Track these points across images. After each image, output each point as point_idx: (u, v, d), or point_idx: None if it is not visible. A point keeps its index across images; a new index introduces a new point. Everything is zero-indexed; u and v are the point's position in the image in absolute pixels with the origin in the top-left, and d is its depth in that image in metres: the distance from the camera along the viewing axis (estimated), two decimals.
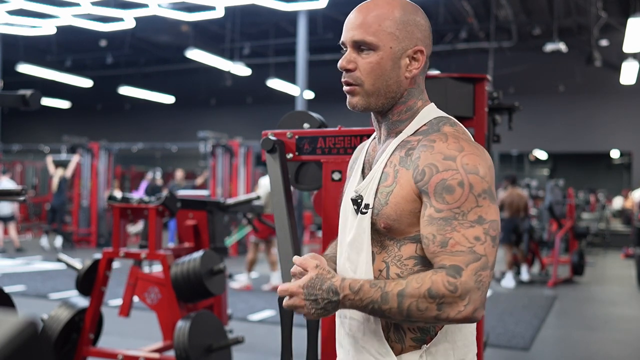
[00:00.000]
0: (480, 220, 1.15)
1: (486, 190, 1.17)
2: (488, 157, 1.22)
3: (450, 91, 2.68)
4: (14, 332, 0.53)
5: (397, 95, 1.29)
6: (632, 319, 6.66)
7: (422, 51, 1.28)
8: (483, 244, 1.14)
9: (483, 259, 1.13)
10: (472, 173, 1.17)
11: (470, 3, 12.35)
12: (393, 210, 1.22)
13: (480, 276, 1.12)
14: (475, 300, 1.12)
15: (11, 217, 11.61)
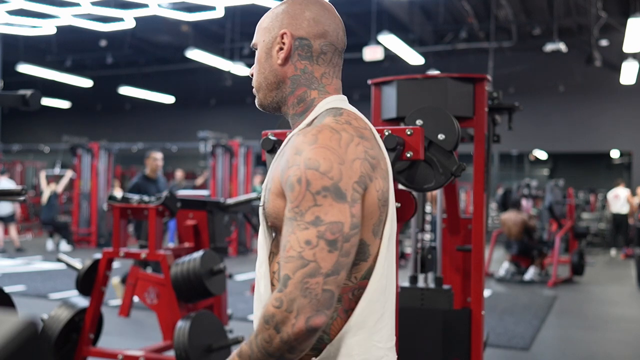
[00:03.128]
0: (316, 222, 1.04)
1: (327, 188, 1.05)
2: (346, 152, 1.09)
3: (450, 91, 2.69)
4: (14, 332, 0.53)
5: (280, 86, 1.25)
6: (632, 319, 6.66)
7: (285, 34, 1.22)
8: (313, 249, 1.03)
9: (311, 265, 1.03)
10: (311, 168, 1.06)
11: (470, 3, 12.35)
12: (271, 207, 1.16)
13: (307, 284, 1.02)
14: (304, 308, 1.01)
15: (11, 217, 11.61)
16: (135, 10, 9.84)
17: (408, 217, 2.06)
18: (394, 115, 2.72)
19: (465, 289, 3.24)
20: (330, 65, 1.26)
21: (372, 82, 2.88)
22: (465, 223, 3.30)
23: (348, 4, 12.24)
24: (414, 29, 13.51)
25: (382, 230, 1.16)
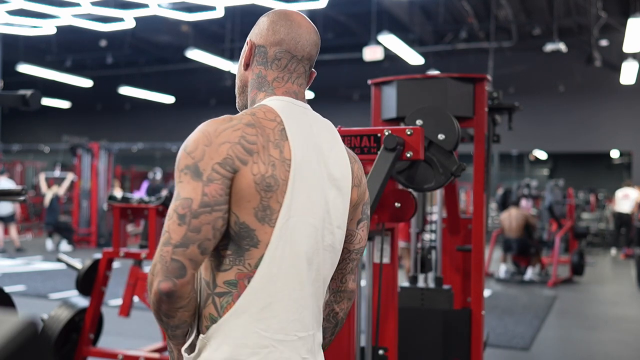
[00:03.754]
0: (176, 197, 1.15)
1: (189, 166, 1.14)
2: (218, 136, 1.16)
3: (450, 91, 2.69)
4: (14, 332, 0.53)
5: (244, 90, 1.35)
6: (632, 319, 6.66)
7: (248, 42, 1.33)
8: (169, 221, 1.14)
9: (166, 235, 1.13)
10: (182, 149, 1.17)
11: (470, 3, 12.35)
12: None
13: (162, 251, 1.13)
14: (158, 273, 1.12)
15: (11, 217, 11.61)
16: (135, 10, 9.84)
17: (408, 217, 2.06)
18: (394, 115, 2.72)
19: (465, 289, 3.24)
20: (285, 70, 1.30)
21: (372, 82, 2.88)
22: (465, 223, 3.30)
23: (348, 4, 12.24)
24: (414, 29, 13.51)
25: (274, 218, 1.18)
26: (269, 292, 1.19)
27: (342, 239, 1.30)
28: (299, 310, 1.22)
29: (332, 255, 1.28)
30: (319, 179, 1.23)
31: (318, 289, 1.26)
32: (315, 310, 1.26)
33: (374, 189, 1.86)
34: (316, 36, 1.34)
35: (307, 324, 1.24)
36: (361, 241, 1.36)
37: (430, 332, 2.93)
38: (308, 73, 1.34)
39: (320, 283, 1.27)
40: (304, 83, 1.33)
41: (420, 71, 12.44)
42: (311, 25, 1.35)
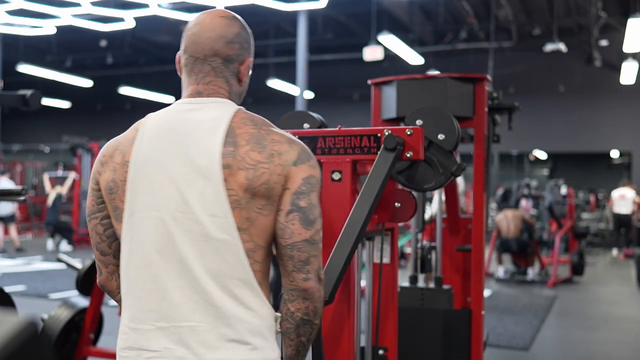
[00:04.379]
0: None
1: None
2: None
3: (450, 91, 2.69)
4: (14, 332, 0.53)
5: None
6: (632, 319, 6.66)
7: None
8: None
9: None
10: None
11: (470, 3, 12.35)
12: None
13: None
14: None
15: (11, 217, 11.61)
16: (135, 10, 9.84)
17: (408, 217, 2.06)
18: (394, 115, 2.72)
19: (465, 289, 3.24)
20: (192, 74, 1.39)
21: (372, 82, 2.88)
22: (465, 223, 3.30)
23: (348, 4, 12.24)
24: (414, 29, 13.52)
25: (123, 216, 1.32)
26: (126, 283, 1.33)
27: (225, 227, 1.25)
28: (156, 302, 1.28)
29: (213, 245, 1.26)
30: (171, 173, 1.28)
31: (195, 281, 1.27)
32: (203, 304, 1.26)
33: (374, 189, 1.87)
34: (221, 28, 1.37)
35: (172, 315, 1.27)
36: (293, 235, 1.28)
37: (430, 332, 2.93)
38: (224, 67, 1.37)
39: (198, 274, 1.26)
40: (213, 79, 1.37)
41: (420, 71, 12.44)
42: (215, 20, 1.39)
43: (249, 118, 1.34)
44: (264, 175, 1.27)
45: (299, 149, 1.32)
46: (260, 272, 1.31)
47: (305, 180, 1.30)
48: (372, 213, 1.85)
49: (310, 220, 1.29)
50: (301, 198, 1.29)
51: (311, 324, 1.34)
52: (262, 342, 1.30)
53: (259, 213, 1.27)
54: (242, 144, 1.28)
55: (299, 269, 1.30)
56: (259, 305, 1.30)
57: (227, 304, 1.27)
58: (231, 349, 1.27)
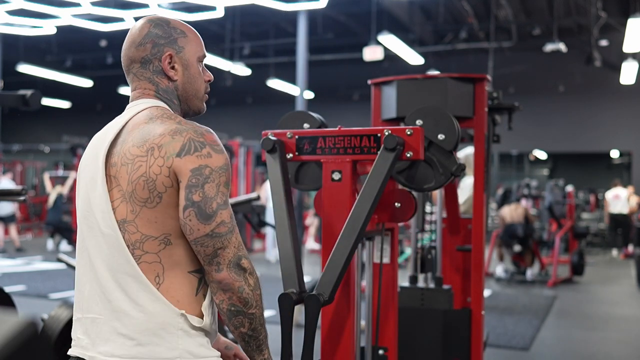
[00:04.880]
0: None
1: None
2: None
3: (450, 91, 2.69)
4: (14, 332, 0.53)
5: None
6: (632, 319, 6.66)
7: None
8: None
9: None
10: None
11: (470, 3, 12.35)
12: None
13: None
14: None
15: (12, 217, 11.61)
16: (135, 10, 9.84)
17: (408, 217, 2.06)
18: (394, 115, 2.72)
19: (465, 289, 3.24)
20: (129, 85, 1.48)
21: (372, 82, 2.88)
22: (465, 223, 3.30)
23: (348, 4, 12.24)
24: (414, 29, 13.51)
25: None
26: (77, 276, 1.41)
27: (109, 222, 1.31)
28: (78, 292, 1.39)
29: (106, 241, 1.32)
30: (87, 175, 1.38)
31: (96, 276, 1.33)
32: (101, 297, 1.32)
33: (374, 189, 1.87)
34: (131, 36, 1.43)
35: (83, 307, 1.36)
36: (193, 232, 1.29)
37: (430, 332, 2.93)
38: (143, 69, 1.42)
39: (98, 269, 1.33)
40: (137, 84, 1.43)
41: (420, 71, 12.44)
42: (130, 31, 1.44)
43: (148, 114, 1.36)
44: (141, 168, 1.29)
45: (183, 140, 1.30)
46: (156, 264, 1.30)
47: (194, 172, 1.28)
48: (372, 213, 1.85)
49: (207, 215, 1.28)
50: (194, 192, 1.28)
51: (244, 314, 1.33)
52: (150, 339, 1.29)
53: (143, 205, 1.29)
54: (128, 141, 1.33)
55: (209, 262, 1.31)
56: (149, 301, 1.29)
57: (118, 298, 1.30)
58: (118, 343, 1.29)
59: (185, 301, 1.32)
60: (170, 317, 1.29)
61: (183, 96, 1.44)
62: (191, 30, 1.47)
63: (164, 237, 1.30)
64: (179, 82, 1.43)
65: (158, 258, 1.30)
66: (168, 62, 1.41)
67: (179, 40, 1.42)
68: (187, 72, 1.43)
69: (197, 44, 1.45)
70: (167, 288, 1.30)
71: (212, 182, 1.29)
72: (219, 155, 1.31)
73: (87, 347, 1.33)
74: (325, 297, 1.74)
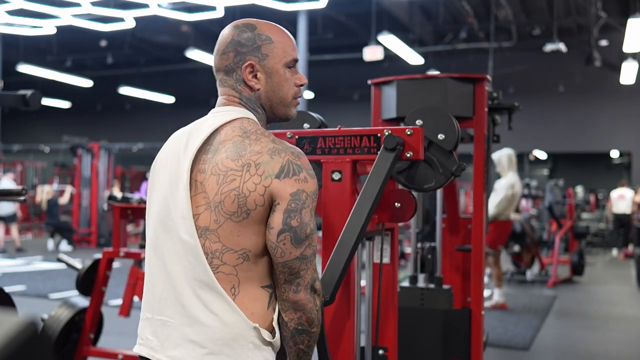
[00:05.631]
0: None
1: None
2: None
3: (450, 91, 2.69)
4: (14, 332, 0.53)
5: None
6: (632, 319, 6.66)
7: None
8: None
9: None
10: None
11: (470, 3, 12.35)
12: None
13: None
14: None
15: (13, 216, 11.63)
16: (135, 10, 9.84)
17: (408, 217, 2.06)
18: (394, 115, 2.72)
19: (465, 289, 3.24)
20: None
21: (372, 82, 2.88)
22: (465, 223, 3.30)
23: (348, 4, 12.24)
24: (413, 29, 13.51)
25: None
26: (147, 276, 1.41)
27: (189, 229, 1.30)
28: (148, 292, 1.38)
29: (184, 247, 1.30)
30: (166, 176, 1.36)
31: (171, 279, 1.32)
32: (174, 301, 1.31)
33: (374, 189, 1.87)
34: (218, 43, 1.43)
35: (154, 308, 1.35)
36: (284, 255, 1.29)
37: (430, 332, 2.93)
38: (227, 77, 1.42)
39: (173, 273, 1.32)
40: (223, 90, 1.43)
41: (420, 71, 12.44)
42: (220, 36, 1.44)
43: (241, 127, 1.35)
44: (234, 182, 1.28)
45: (282, 161, 1.29)
46: (232, 277, 1.30)
47: (293, 197, 1.28)
48: (372, 213, 1.85)
49: (301, 239, 1.29)
50: (293, 217, 1.28)
51: (307, 332, 1.35)
52: (221, 349, 1.29)
53: (228, 218, 1.28)
54: (221, 151, 1.31)
55: (290, 282, 1.32)
56: (224, 311, 1.29)
57: (193, 304, 1.29)
58: (189, 349, 1.29)
59: (259, 314, 1.32)
60: (244, 329, 1.30)
61: (267, 104, 1.42)
62: (280, 34, 1.42)
63: (243, 252, 1.30)
64: (262, 91, 1.41)
65: (235, 271, 1.30)
66: (249, 71, 1.39)
67: (263, 47, 1.39)
68: (271, 80, 1.40)
69: (285, 49, 1.41)
70: (242, 300, 1.31)
71: (307, 207, 1.30)
72: (313, 180, 1.32)
73: (156, 349, 1.33)
74: (325, 297, 1.74)
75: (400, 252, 9.19)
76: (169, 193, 1.34)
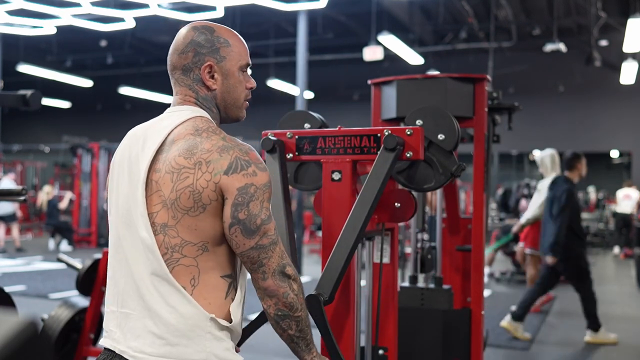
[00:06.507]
0: None
1: None
2: None
3: (450, 91, 2.69)
4: (14, 332, 0.53)
5: None
6: (632, 319, 6.66)
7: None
8: None
9: None
10: None
11: (470, 3, 12.35)
12: None
13: None
14: None
15: (13, 216, 11.64)
16: (135, 10, 9.83)
17: (408, 217, 2.06)
18: (393, 115, 2.72)
19: (465, 289, 3.24)
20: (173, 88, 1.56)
21: (372, 82, 2.88)
22: (465, 223, 3.30)
23: (348, 4, 12.24)
24: (413, 29, 13.51)
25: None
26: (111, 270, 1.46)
27: (146, 226, 1.35)
28: (111, 287, 1.45)
29: (142, 243, 1.36)
30: (121, 177, 1.42)
31: (131, 273, 1.38)
32: (135, 293, 1.37)
33: (374, 189, 1.87)
34: (176, 41, 1.51)
35: (118, 300, 1.41)
36: (239, 246, 1.36)
37: (430, 332, 2.93)
38: (184, 77, 1.48)
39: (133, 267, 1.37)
40: (179, 90, 1.50)
41: (420, 71, 12.44)
42: (177, 35, 1.52)
43: (194, 125, 1.40)
44: (188, 179, 1.34)
45: (230, 158, 1.34)
46: (193, 268, 1.36)
47: (240, 191, 1.33)
48: (372, 213, 1.85)
49: (251, 230, 1.35)
50: (240, 210, 1.34)
51: (290, 317, 1.40)
52: (179, 340, 1.34)
53: (185, 213, 1.34)
54: (173, 150, 1.37)
55: (255, 270, 1.38)
56: (181, 304, 1.34)
57: (151, 297, 1.35)
58: (148, 341, 1.35)
59: (216, 304, 1.38)
60: (201, 320, 1.35)
61: (221, 104, 1.48)
62: (236, 38, 1.48)
63: (202, 244, 1.36)
64: (218, 91, 1.47)
65: (195, 262, 1.36)
66: (207, 71, 1.45)
67: (222, 49, 1.45)
68: (227, 82, 1.46)
69: (240, 52, 1.47)
70: (200, 291, 1.37)
71: (256, 199, 1.35)
72: (263, 173, 1.36)
73: (118, 340, 1.39)
74: (325, 297, 1.74)
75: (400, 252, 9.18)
76: (130, 192, 1.39)
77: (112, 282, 1.45)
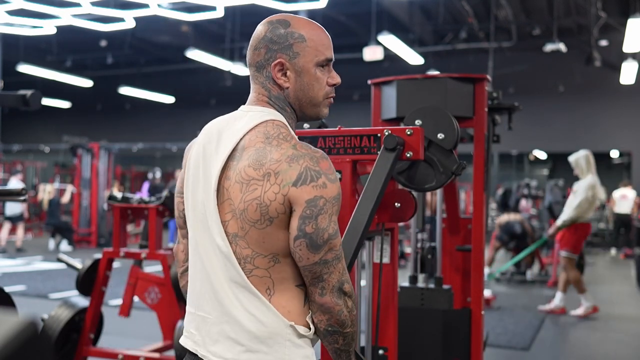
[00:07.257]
0: None
1: None
2: None
3: (450, 91, 2.69)
4: (14, 332, 0.53)
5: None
6: (632, 319, 6.66)
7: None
8: None
9: None
10: None
11: (470, 3, 12.35)
12: None
13: None
14: None
15: (20, 217, 11.69)
16: (135, 10, 9.83)
17: (408, 217, 2.06)
18: (393, 115, 2.72)
19: (465, 289, 3.24)
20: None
21: (372, 82, 2.88)
22: (465, 223, 3.30)
23: (348, 4, 12.24)
24: (413, 29, 13.51)
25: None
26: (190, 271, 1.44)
27: (222, 234, 1.32)
28: (191, 287, 1.42)
29: (220, 250, 1.34)
30: (196, 180, 1.38)
31: (208, 277, 1.36)
32: (212, 297, 1.36)
33: (375, 189, 1.87)
34: (252, 38, 1.43)
35: (197, 303, 1.39)
36: (302, 260, 1.31)
37: (430, 332, 2.93)
38: (258, 74, 1.41)
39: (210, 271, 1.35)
40: (254, 87, 1.43)
41: (420, 71, 12.44)
42: (255, 30, 1.43)
43: (265, 132, 1.34)
44: (256, 191, 1.29)
45: (300, 168, 1.28)
46: (266, 279, 1.33)
47: (309, 203, 1.28)
48: (374, 213, 1.85)
49: (317, 245, 1.30)
50: (307, 223, 1.29)
51: (339, 333, 1.38)
52: (258, 347, 1.32)
53: (252, 225, 1.30)
54: (244, 159, 1.32)
55: (314, 285, 1.34)
56: (260, 311, 1.32)
57: (230, 303, 1.33)
58: (227, 345, 1.33)
59: (295, 312, 1.35)
60: (280, 327, 1.33)
61: (295, 103, 1.41)
62: (314, 32, 1.40)
63: (272, 256, 1.33)
64: (291, 90, 1.39)
65: (268, 273, 1.33)
66: (278, 69, 1.38)
67: (295, 45, 1.37)
68: (300, 80, 1.39)
69: (317, 48, 1.38)
70: (278, 299, 1.34)
71: (325, 213, 1.29)
72: (333, 185, 1.30)
73: (198, 343, 1.38)
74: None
75: (400, 252, 9.19)
76: (205, 198, 1.35)
77: (191, 282, 1.43)
